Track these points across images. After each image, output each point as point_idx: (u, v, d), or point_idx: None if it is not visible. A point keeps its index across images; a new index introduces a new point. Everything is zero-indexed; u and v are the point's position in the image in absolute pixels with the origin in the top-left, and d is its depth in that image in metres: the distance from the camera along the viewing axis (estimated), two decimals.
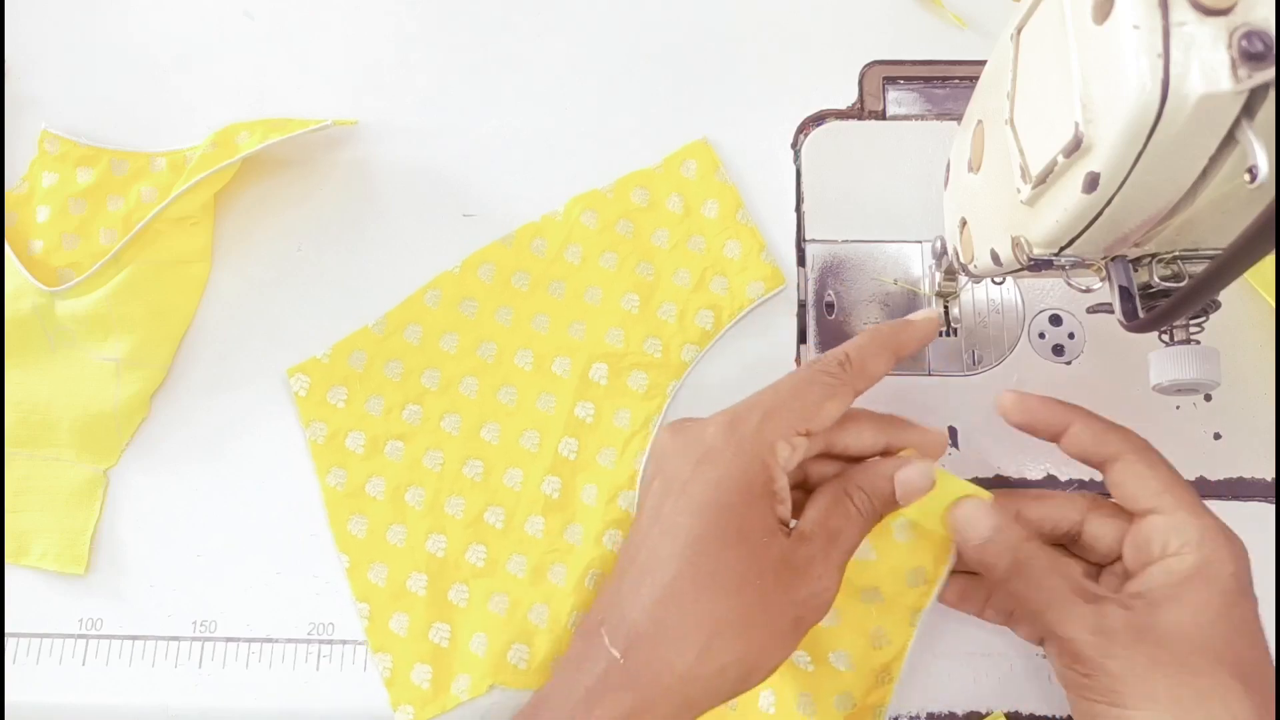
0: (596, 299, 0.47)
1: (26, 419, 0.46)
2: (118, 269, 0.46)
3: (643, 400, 0.46)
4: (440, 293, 0.47)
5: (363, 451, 0.45)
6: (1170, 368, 0.32)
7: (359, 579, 0.44)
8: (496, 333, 0.47)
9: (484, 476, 0.45)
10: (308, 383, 0.46)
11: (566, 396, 0.46)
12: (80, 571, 0.44)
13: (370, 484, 0.45)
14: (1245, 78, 0.22)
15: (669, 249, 0.48)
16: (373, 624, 0.43)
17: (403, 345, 0.47)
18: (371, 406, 0.46)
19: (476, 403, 0.46)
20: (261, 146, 0.47)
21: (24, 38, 0.53)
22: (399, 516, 0.44)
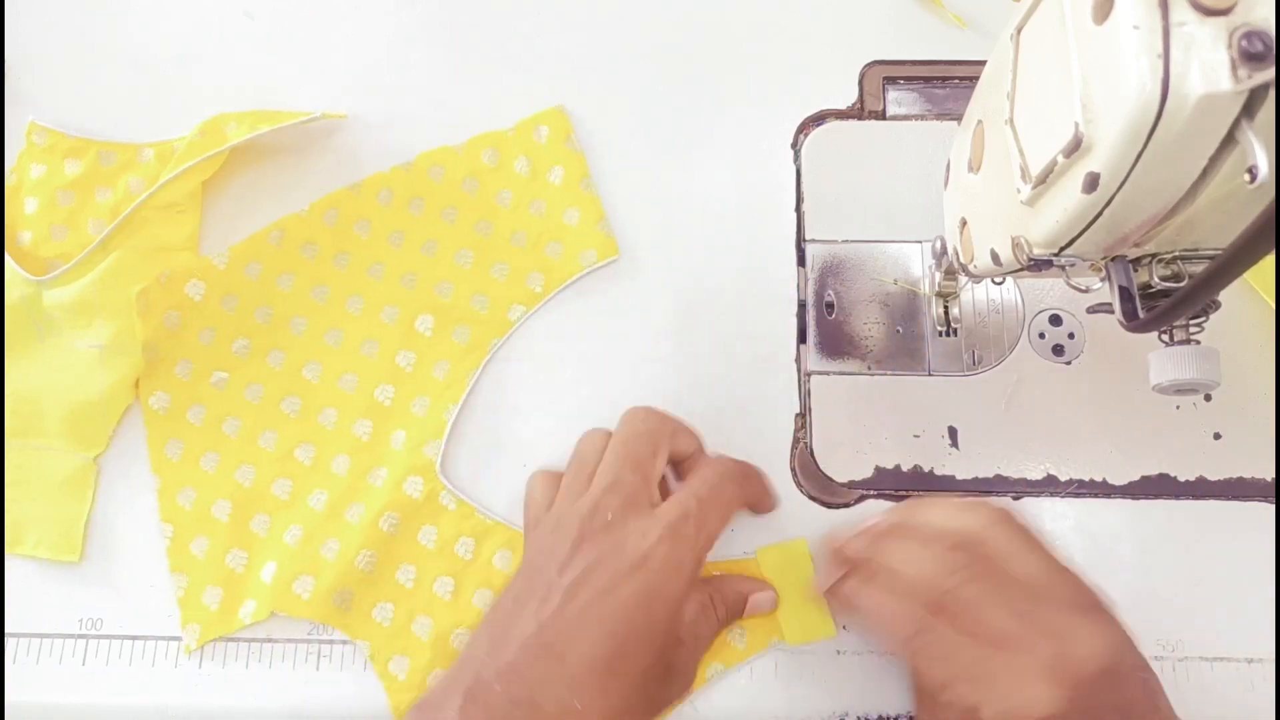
0: (432, 251, 0.48)
1: (16, 409, 0.46)
2: (103, 256, 0.46)
3: (464, 353, 0.47)
4: (283, 233, 0.48)
5: (188, 378, 0.46)
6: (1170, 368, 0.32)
7: (167, 501, 0.45)
8: (332, 276, 0.48)
9: (300, 413, 0.46)
10: (147, 305, 0.46)
11: (390, 343, 0.47)
12: (75, 559, 0.45)
13: (191, 410, 0.46)
14: (1245, 78, 0.22)
15: (510, 210, 0.49)
16: (174, 544, 0.44)
17: (241, 280, 0.47)
18: (204, 337, 0.47)
19: (302, 341, 0.47)
20: (250, 136, 0.47)
21: (16, 32, 0.53)
22: (214, 444, 0.45)
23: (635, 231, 0.49)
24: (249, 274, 0.47)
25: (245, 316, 0.47)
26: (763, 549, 0.43)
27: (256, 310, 0.47)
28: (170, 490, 0.45)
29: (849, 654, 0.42)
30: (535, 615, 0.37)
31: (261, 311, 0.47)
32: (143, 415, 0.46)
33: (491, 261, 0.48)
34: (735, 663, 0.42)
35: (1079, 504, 0.44)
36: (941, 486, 0.44)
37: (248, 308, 0.47)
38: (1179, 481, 0.44)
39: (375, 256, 0.48)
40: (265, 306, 0.47)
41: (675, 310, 0.47)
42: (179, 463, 0.45)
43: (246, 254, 0.48)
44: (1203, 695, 0.41)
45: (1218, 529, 0.43)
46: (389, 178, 0.49)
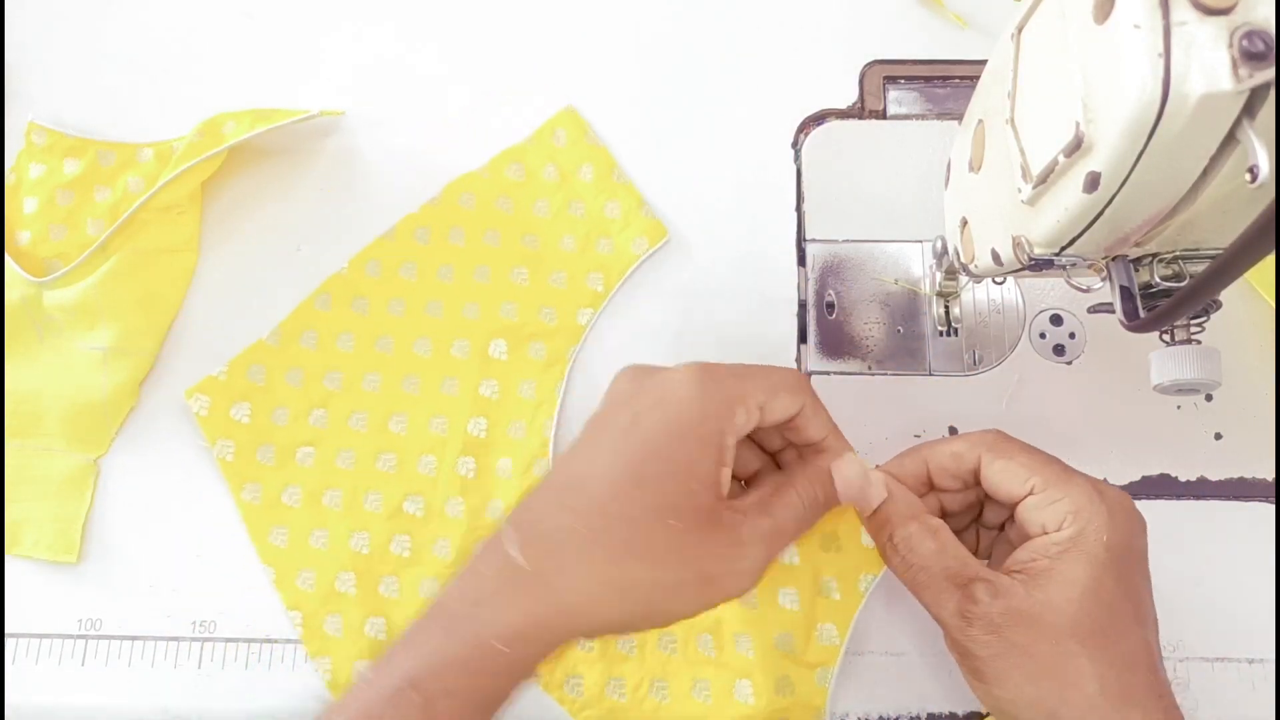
0: (486, 277, 0.48)
1: (16, 410, 0.46)
2: (104, 258, 0.46)
3: (545, 368, 0.46)
4: (330, 295, 0.47)
5: (274, 463, 0.45)
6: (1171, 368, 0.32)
7: (288, 588, 0.43)
8: (392, 325, 0.47)
9: (398, 468, 0.45)
10: (208, 402, 0.45)
11: (469, 377, 0.46)
12: (73, 560, 0.44)
13: (286, 493, 0.45)
14: (1246, 77, 0.22)
15: (550, 218, 0.48)
16: (307, 630, 0.43)
17: (300, 352, 0.47)
18: (277, 417, 0.46)
19: (381, 396, 0.46)
20: (248, 136, 0.47)
21: (16, 32, 0.53)
22: (319, 520, 0.44)
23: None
24: (306, 344, 0.47)
25: (315, 387, 0.46)
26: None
27: (325, 378, 0.46)
28: (287, 577, 0.44)
29: (849, 654, 0.42)
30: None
31: (331, 377, 0.46)
32: (239, 511, 0.44)
33: (548, 272, 0.48)
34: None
35: None
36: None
37: (315, 378, 0.46)
38: (1180, 482, 0.44)
39: (429, 295, 0.47)
40: (333, 371, 0.46)
41: (675, 310, 0.47)
42: (288, 548, 0.44)
43: (298, 326, 0.47)
44: (1204, 695, 0.41)
45: (1218, 529, 0.43)
46: (420, 216, 0.49)
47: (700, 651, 0.41)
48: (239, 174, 0.50)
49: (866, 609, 0.42)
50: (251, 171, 0.50)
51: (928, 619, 0.42)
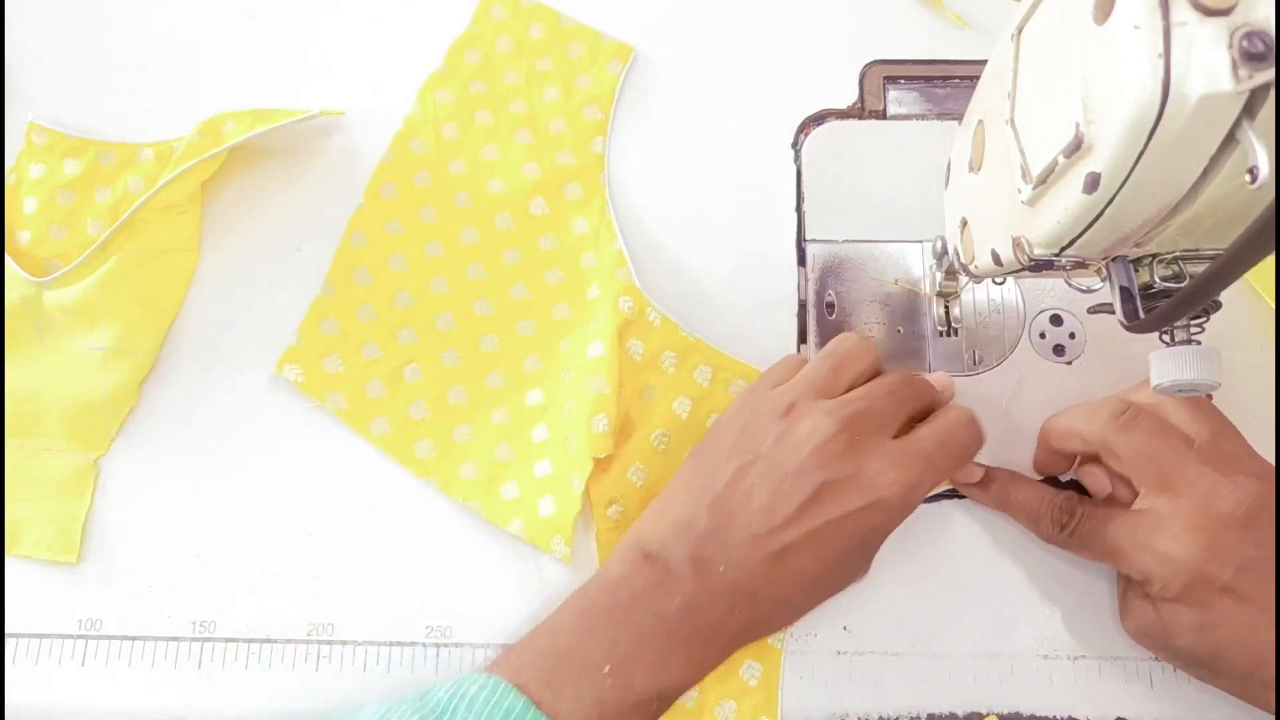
0: (494, 152, 0.50)
1: (16, 410, 0.46)
2: (104, 258, 0.46)
3: (587, 202, 0.49)
4: (362, 231, 0.49)
5: (386, 393, 0.46)
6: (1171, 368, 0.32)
7: (456, 486, 0.45)
8: (431, 231, 0.49)
9: (501, 343, 0.47)
10: (299, 369, 0.46)
11: (525, 240, 0.48)
12: (73, 560, 0.44)
13: (412, 409, 0.46)
14: (1246, 78, 0.22)
15: (524, 81, 0.51)
16: (488, 508, 0.44)
17: (359, 291, 0.48)
18: (368, 353, 0.47)
19: (453, 294, 0.48)
20: (248, 136, 0.47)
21: (16, 32, 0.53)
22: (455, 418, 0.46)
23: (636, 230, 0.49)
24: (361, 281, 0.48)
25: (388, 313, 0.47)
26: None
27: (394, 301, 0.48)
28: (450, 477, 0.45)
29: (849, 654, 0.42)
30: (764, 516, 0.37)
31: (399, 298, 0.48)
32: (377, 448, 0.45)
33: (545, 124, 0.50)
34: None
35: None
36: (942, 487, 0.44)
37: (385, 305, 0.48)
38: None
39: (452, 190, 0.49)
40: (399, 293, 0.48)
41: (676, 310, 0.47)
42: (437, 455, 0.45)
43: (345, 269, 0.48)
44: (1204, 695, 0.41)
45: None
46: (407, 131, 0.50)
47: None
48: (239, 174, 0.50)
49: (867, 608, 0.43)
50: (251, 171, 0.50)
51: (927, 619, 0.42)
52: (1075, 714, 0.41)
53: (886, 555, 0.43)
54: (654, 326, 0.46)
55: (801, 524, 0.37)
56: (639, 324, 0.46)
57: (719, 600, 0.37)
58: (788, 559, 0.37)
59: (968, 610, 0.43)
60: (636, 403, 0.45)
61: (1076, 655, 0.42)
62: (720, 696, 0.41)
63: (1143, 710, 0.41)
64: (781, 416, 0.39)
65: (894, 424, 0.39)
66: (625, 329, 0.46)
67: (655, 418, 0.45)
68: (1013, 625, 0.42)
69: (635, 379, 0.46)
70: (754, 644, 0.41)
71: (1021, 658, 0.42)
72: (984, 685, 0.42)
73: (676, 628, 0.36)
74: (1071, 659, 0.42)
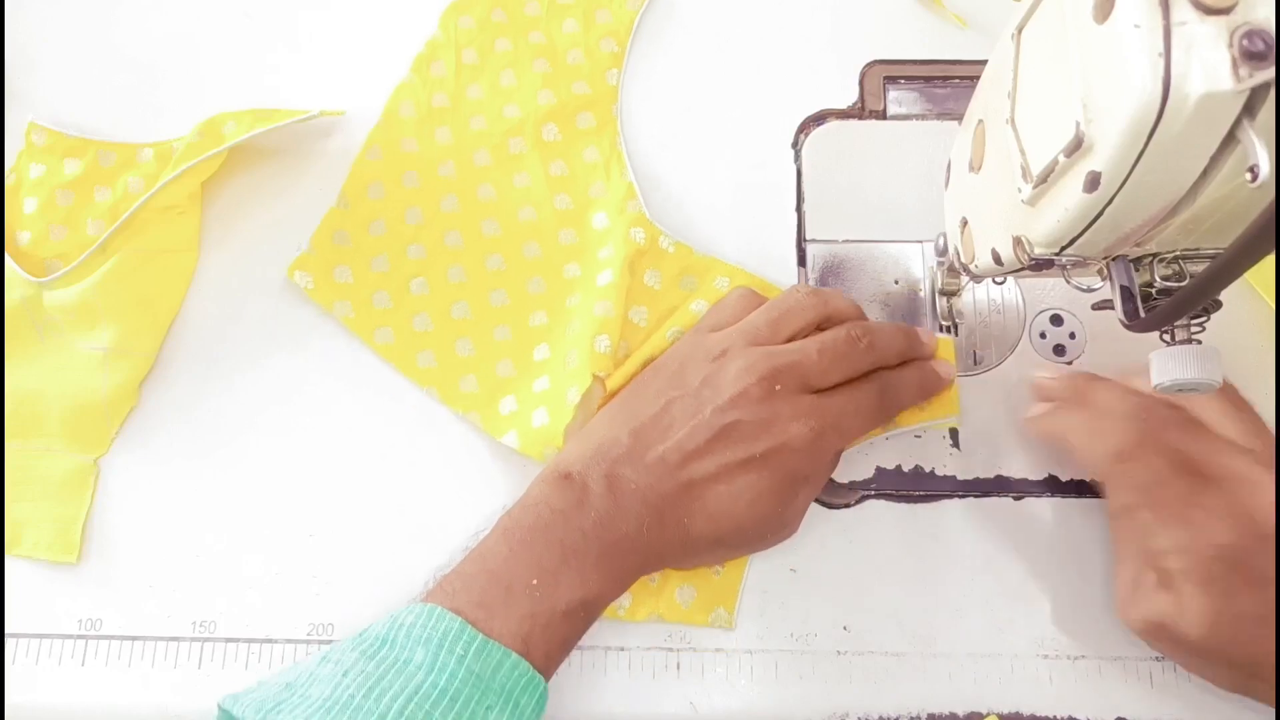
0: (511, 79, 0.51)
1: (16, 410, 0.46)
2: (104, 258, 0.46)
3: (599, 132, 0.50)
4: (377, 146, 0.50)
5: (392, 304, 0.47)
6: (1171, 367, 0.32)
7: (454, 397, 0.46)
8: (445, 151, 0.50)
9: (507, 263, 0.48)
10: (310, 277, 0.48)
11: (536, 165, 0.49)
12: (73, 560, 0.44)
13: (416, 321, 0.47)
14: (1246, 77, 0.22)
15: (544, 13, 0.52)
16: (488, 422, 0.45)
17: (372, 205, 0.49)
18: (377, 265, 0.48)
19: (463, 213, 0.49)
20: (248, 136, 0.47)
21: (16, 32, 0.53)
22: (458, 332, 0.47)
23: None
24: (374, 196, 0.49)
25: (399, 228, 0.48)
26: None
27: (405, 216, 0.49)
28: (450, 388, 0.46)
29: (849, 654, 0.42)
30: (678, 447, 0.39)
31: (410, 214, 0.49)
32: (380, 355, 0.47)
33: (563, 54, 0.51)
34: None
35: (1080, 504, 0.44)
36: (942, 487, 0.44)
37: (396, 220, 0.49)
38: None
39: (469, 112, 0.50)
40: (410, 209, 0.49)
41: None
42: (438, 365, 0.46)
43: (359, 184, 0.49)
44: (1204, 695, 0.41)
45: None
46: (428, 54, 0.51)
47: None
48: (239, 174, 0.50)
49: (867, 608, 0.43)
50: (252, 171, 0.50)
51: (927, 619, 0.42)
52: (1075, 714, 0.41)
53: (887, 555, 0.43)
54: (668, 254, 0.47)
55: (710, 458, 0.39)
56: (652, 253, 0.47)
57: (629, 515, 0.38)
58: (696, 490, 0.39)
59: (967, 610, 0.43)
60: (658, 330, 0.46)
61: (1076, 655, 0.42)
62: (682, 581, 0.43)
63: (1143, 710, 0.41)
64: (714, 359, 0.41)
65: (823, 380, 0.41)
66: (638, 260, 0.47)
67: (672, 319, 0.46)
68: (1012, 625, 0.42)
69: (657, 306, 0.47)
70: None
71: (1021, 658, 0.42)
72: (984, 685, 0.42)
73: (594, 542, 0.38)
74: (1071, 659, 0.42)
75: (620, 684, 0.42)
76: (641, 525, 0.38)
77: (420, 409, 0.46)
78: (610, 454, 0.40)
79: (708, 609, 0.43)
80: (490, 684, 0.34)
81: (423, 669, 0.34)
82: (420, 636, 0.35)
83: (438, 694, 0.34)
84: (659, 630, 0.43)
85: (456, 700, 0.34)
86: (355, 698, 0.33)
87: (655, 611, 0.43)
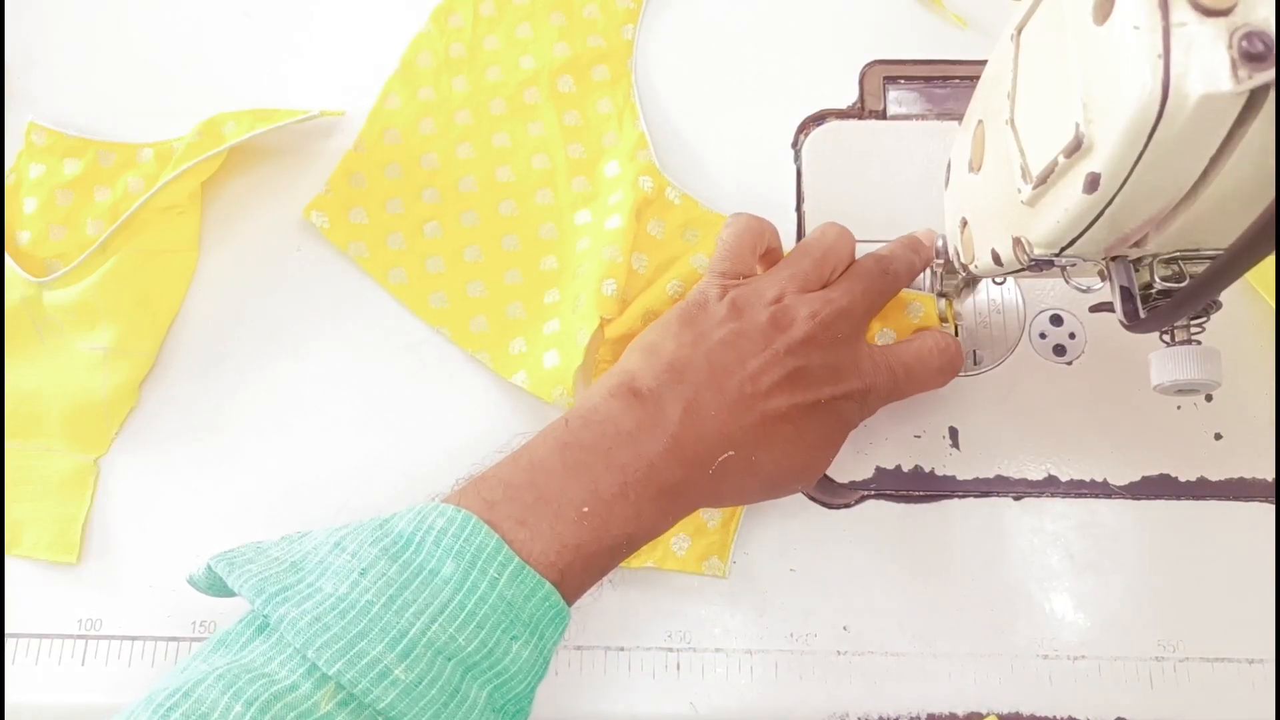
0: (528, 31, 0.52)
1: (16, 410, 0.46)
2: (104, 258, 0.46)
3: (613, 84, 0.51)
4: (395, 94, 0.51)
5: (405, 246, 0.49)
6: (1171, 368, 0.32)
7: (465, 337, 0.47)
8: (461, 99, 0.51)
9: (520, 208, 0.49)
10: (326, 217, 0.49)
11: (550, 115, 0.50)
12: (73, 560, 0.44)
13: (429, 264, 0.48)
14: (1246, 78, 0.22)
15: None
16: (497, 361, 0.47)
17: (388, 149, 0.50)
18: (392, 208, 0.49)
19: (478, 159, 0.50)
20: (249, 136, 0.47)
21: (16, 32, 0.53)
22: (469, 274, 0.48)
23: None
24: (391, 140, 0.50)
25: (415, 172, 0.50)
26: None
27: (421, 161, 0.50)
28: (462, 329, 0.47)
29: (849, 654, 0.42)
30: (754, 380, 0.38)
31: (426, 159, 0.50)
32: (393, 295, 0.48)
33: (580, 9, 0.52)
34: None
35: (1079, 504, 0.44)
36: (942, 487, 0.44)
37: (412, 164, 0.50)
38: (1180, 482, 0.44)
39: (485, 63, 0.51)
40: (426, 154, 0.50)
41: None
42: (450, 305, 0.47)
43: (376, 129, 0.50)
44: (1204, 696, 0.41)
45: (1218, 529, 0.43)
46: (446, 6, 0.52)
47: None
48: (239, 174, 0.50)
49: (867, 608, 0.43)
50: (252, 172, 0.50)
51: (927, 619, 0.42)
52: (1075, 714, 0.41)
53: (887, 555, 0.43)
54: (674, 205, 0.48)
55: (783, 397, 0.38)
56: (659, 203, 0.48)
57: (703, 445, 0.36)
58: (769, 426, 0.38)
59: (967, 610, 0.43)
60: (660, 280, 0.46)
61: (1076, 655, 0.42)
62: (677, 531, 0.43)
63: (1143, 710, 0.41)
64: (772, 303, 0.40)
65: (868, 317, 0.42)
66: (645, 208, 0.47)
67: (672, 271, 0.46)
68: (1012, 625, 0.42)
69: (658, 255, 0.47)
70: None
71: (1021, 658, 0.42)
72: (984, 685, 0.42)
73: (659, 473, 0.35)
74: (1071, 659, 0.42)
75: (620, 684, 0.42)
76: (713, 459, 0.36)
77: (421, 409, 0.46)
78: (689, 376, 0.37)
79: (702, 558, 0.43)
80: (520, 613, 0.32)
81: (450, 585, 0.31)
82: (451, 548, 0.32)
83: (465, 616, 0.31)
84: (659, 630, 0.43)
85: (484, 626, 0.31)
86: (374, 606, 0.30)
87: (651, 559, 0.43)
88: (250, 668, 0.29)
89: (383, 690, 0.29)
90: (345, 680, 0.29)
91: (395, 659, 0.30)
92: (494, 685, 0.32)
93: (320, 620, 0.30)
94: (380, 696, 0.29)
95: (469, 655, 0.31)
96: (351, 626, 0.30)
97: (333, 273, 0.49)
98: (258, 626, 0.32)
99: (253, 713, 0.28)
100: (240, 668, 0.29)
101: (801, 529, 0.44)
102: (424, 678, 0.30)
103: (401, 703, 0.29)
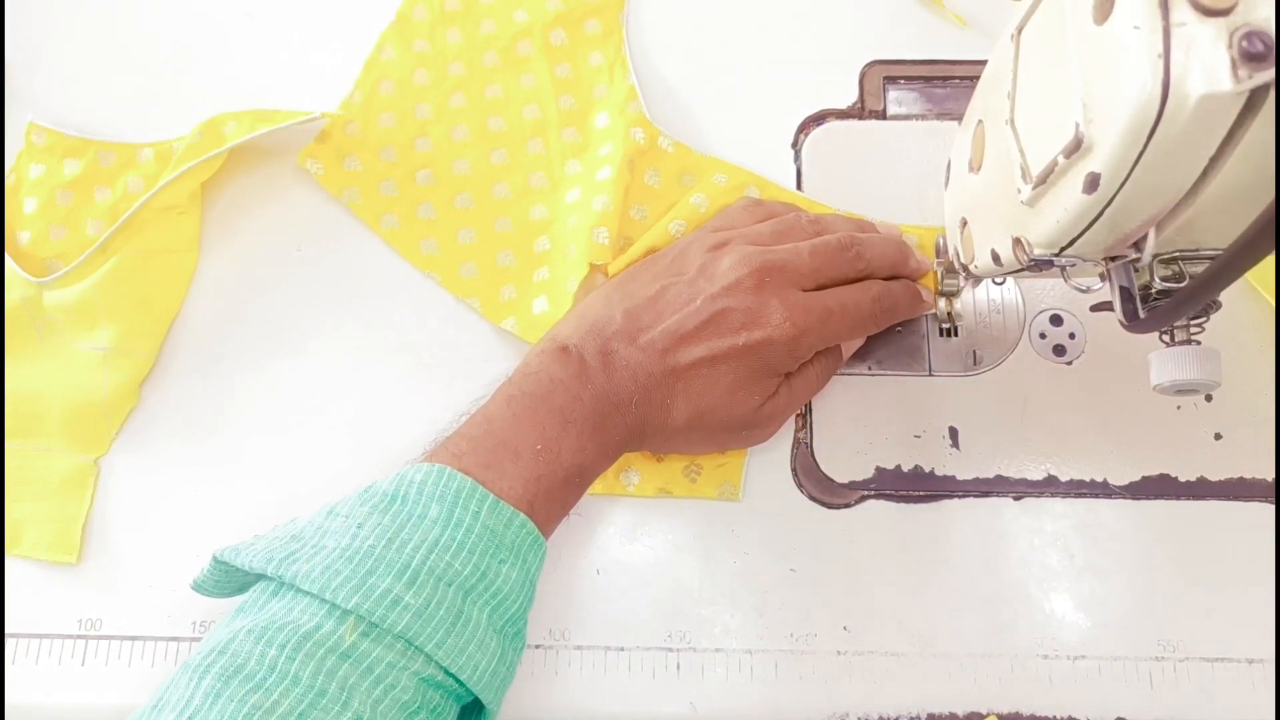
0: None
1: (16, 410, 0.46)
2: (105, 258, 0.46)
3: (604, 38, 0.52)
4: (391, 47, 0.52)
5: (398, 193, 0.49)
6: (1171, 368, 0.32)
7: (455, 283, 0.48)
8: (455, 52, 0.52)
9: (511, 157, 0.50)
10: (320, 164, 0.49)
11: (541, 67, 0.51)
12: (73, 560, 0.44)
13: (420, 210, 0.49)
14: (1246, 78, 0.22)
15: None
16: (487, 307, 0.47)
17: (383, 99, 0.51)
18: (385, 155, 0.50)
19: (470, 109, 0.51)
20: (249, 137, 0.47)
21: (16, 32, 0.53)
22: (460, 221, 0.49)
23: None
24: (385, 91, 0.51)
25: (408, 121, 0.50)
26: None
27: (414, 111, 0.50)
28: (452, 275, 0.48)
29: (849, 654, 0.42)
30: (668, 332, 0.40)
31: (420, 109, 0.51)
32: (384, 240, 0.48)
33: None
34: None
35: (1079, 504, 0.44)
36: (942, 487, 0.44)
37: (406, 114, 0.50)
38: (1179, 482, 0.44)
39: (480, 16, 0.52)
40: (420, 104, 0.51)
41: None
42: (440, 251, 0.48)
43: (372, 79, 0.51)
44: (1203, 696, 0.41)
45: (1218, 529, 0.43)
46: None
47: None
48: (240, 174, 0.50)
49: (867, 608, 0.43)
50: (252, 172, 0.50)
51: (927, 619, 0.42)
52: (1075, 714, 0.41)
53: (887, 555, 0.43)
54: (667, 153, 0.49)
55: (698, 344, 0.40)
56: (652, 153, 0.49)
57: (620, 390, 0.40)
58: (681, 373, 0.40)
59: (967, 610, 0.43)
60: (660, 222, 0.47)
61: (1076, 655, 0.42)
62: (688, 461, 0.45)
63: (1143, 710, 0.41)
64: (710, 250, 0.43)
65: (812, 280, 0.42)
66: (638, 159, 0.48)
67: (673, 212, 0.47)
68: (1012, 625, 0.42)
69: (658, 204, 0.48)
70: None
71: (1021, 658, 0.42)
72: (984, 685, 0.42)
73: (590, 411, 0.39)
74: (1071, 659, 0.42)
75: (620, 684, 0.42)
76: (631, 401, 0.40)
77: (421, 409, 0.46)
78: (604, 331, 0.41)
79: (714, 484, 0.44)
80: (503, 539, 0.36)
81: (439, 523, 0.35)
82: (434, 494, 0.36)
83: (456, 546, 0.35)
84: (659, 630, 0.43)
85: (474, 553, 0.35)
86: (376, 548, 0.34)
87: (663, 487, 0.44)
88: (274, 620, 0.33)
89: (397, 615, 0.33)
90: (363, 610, 0.33)
91: (403, 587, 0.34)
92: (491, 606, 0.36)
93: (331, 567, 0.34)
94: (396, 620, 0.33)
95: (465, 579, 0.35)
96: (360, 567, 0.34)
97: (332, 273, 0.49)
98: (271, 591, 0.35)
99: (287, 653, 0.32)
100: (266, 621, 0.33)
101: (801, 529, 0.44)
102: (430, 601, 0.34)
103: (415, 624, 0.33)
